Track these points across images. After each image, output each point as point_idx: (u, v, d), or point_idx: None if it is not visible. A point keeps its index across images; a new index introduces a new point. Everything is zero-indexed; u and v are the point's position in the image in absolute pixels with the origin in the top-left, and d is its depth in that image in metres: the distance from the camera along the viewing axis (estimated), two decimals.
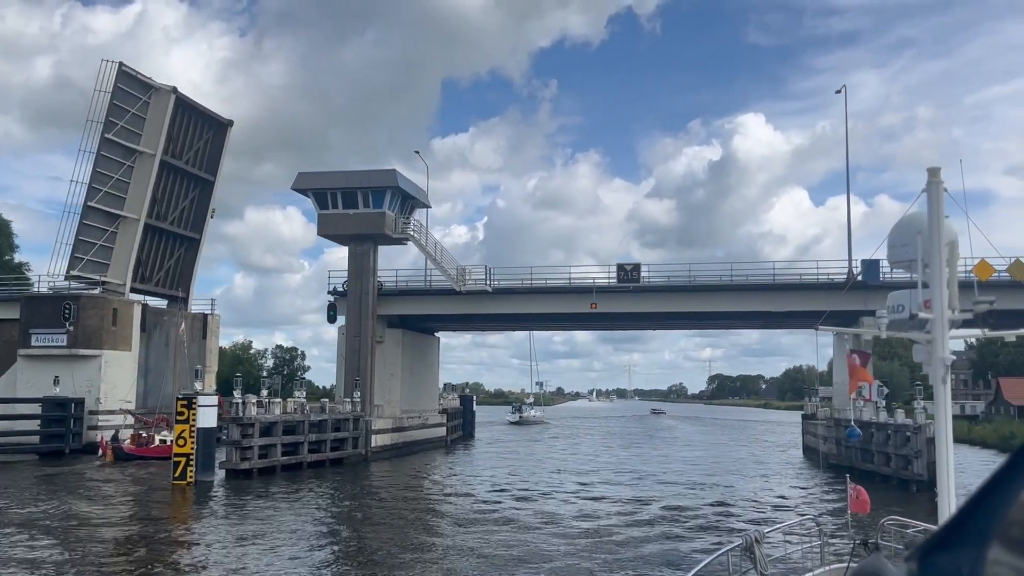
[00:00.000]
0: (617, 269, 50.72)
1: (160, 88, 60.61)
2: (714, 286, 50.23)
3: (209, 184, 67.77)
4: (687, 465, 51.22)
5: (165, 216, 64.26)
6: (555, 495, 36.59)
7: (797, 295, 49.50)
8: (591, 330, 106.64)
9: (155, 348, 61.36)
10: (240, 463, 39.63)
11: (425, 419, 60.02)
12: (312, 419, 44.83)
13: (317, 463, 44.75)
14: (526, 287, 52.52)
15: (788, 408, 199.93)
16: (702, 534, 27.23)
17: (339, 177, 50.94)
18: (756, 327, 63.81)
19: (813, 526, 11.80)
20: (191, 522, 29.14)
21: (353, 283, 51.68)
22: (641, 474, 45.58)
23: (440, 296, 53.30)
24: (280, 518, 29.42)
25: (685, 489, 39.27)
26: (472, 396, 78.02)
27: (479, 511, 31.61)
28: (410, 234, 51.59)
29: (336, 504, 34.00)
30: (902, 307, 8.29)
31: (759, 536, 10.39)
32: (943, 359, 7.49)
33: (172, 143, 62.85)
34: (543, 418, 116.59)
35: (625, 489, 39.00)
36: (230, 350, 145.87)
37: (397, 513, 31.48)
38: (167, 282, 66.20)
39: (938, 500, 7.55)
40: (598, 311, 51.19)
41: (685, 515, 31.22)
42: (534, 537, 26.09)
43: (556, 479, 42.81)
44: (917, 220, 7.96)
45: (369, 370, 51.42)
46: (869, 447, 42.68)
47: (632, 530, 27.69)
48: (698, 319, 55.86)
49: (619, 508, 32.89)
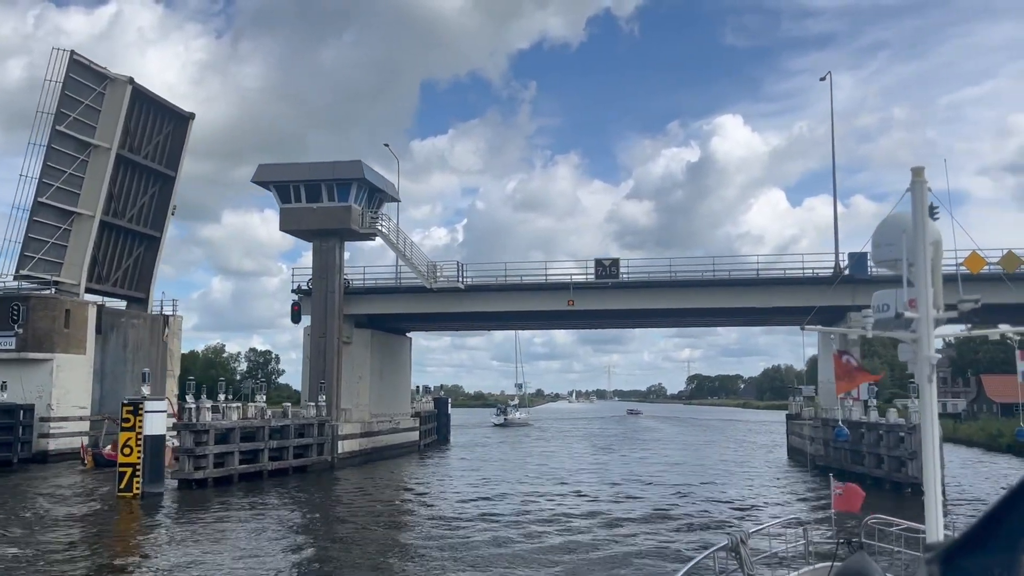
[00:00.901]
0: (595, 265, 48.46)
1: (116, 79, 57.73)
2: (696, 281, 48.13)
3: (170, 180, 64.91)
4: (671, 468, 49.17)
5: (123, 213, 61.36)
6: (534, 502, 34.68)
7: (782, 291, 47.56)
8: (569, 329, 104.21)
9: (112, 351, 58.45)
10: (193, 472, 37.03)
11: (396, 423, 57.55)
12: (273, 424, 42.28)
13: (279, 471, 42.22)
14: (500, 284, 50.19)
15: (767, 408, 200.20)
16: (689, 535, 26.82)
17: (302, 169, 48.34)
18: (739, 324, 61.97)
19: (798, 526, 11.73)
20: (131, 539, 26.60)
21: (318, 281, 49.11)
22: (625, 477, 43.52)
23: (411, 294, 50.86)
24: (233, 533, 26.99)
25: (670, 493, 37.63)
26: (447, 399, 75.49)
27: (451, 522, 29.45)
28: (378, 228, 49.09)
29: (296, 516, 31.57)
30: (887, 306, 8.22)
31: (744, 536, 10.29)
32: (929, 358, 7.42)
33: (129, 136, 59.99)
34: (528, 420, 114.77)
35: (609, 493, 37.07)
36: (203, 354, 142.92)
37: (361, 525, 29.26)
38: (125, 282, 63.26)
39: (924, 500, 7.35)
40: (576, 308, 48.95)
41: (671, 519, 30.11)
42: (511, 547, 24.72)
43: (535, 485, 40.64)
44: (901, 219, 7.93)
45: (336, 372, 48.89)
46: (859, 448, 40.78)
47: (617, 535, 26.77)
48: (679, 316, 53.71)
49: (603, 513, 31.25)
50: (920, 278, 7.45)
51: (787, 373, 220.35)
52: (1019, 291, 43.14)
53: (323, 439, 46.18)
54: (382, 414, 55.30)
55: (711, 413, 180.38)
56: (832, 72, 50.22)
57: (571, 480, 42.39)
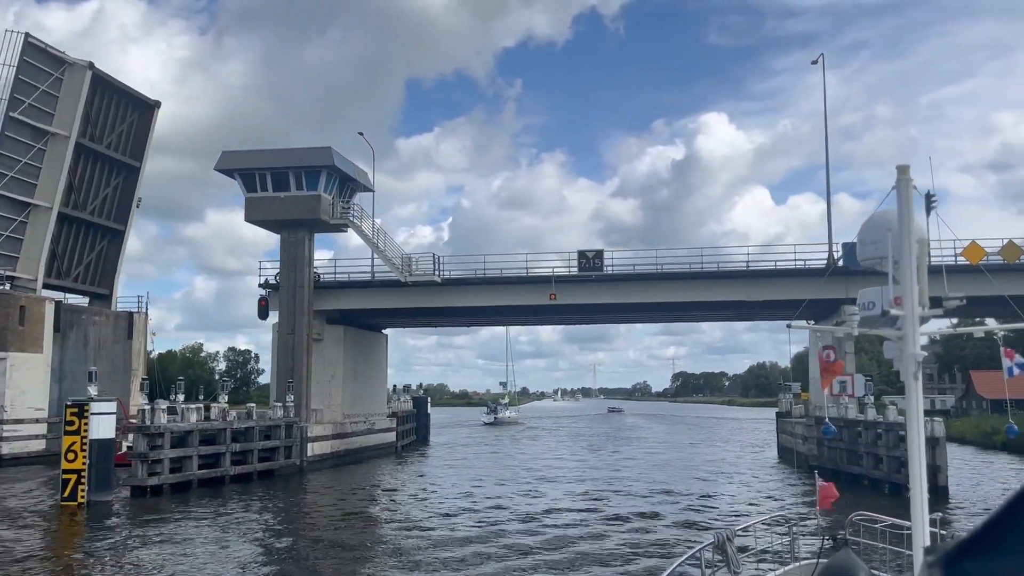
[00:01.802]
0: (578, 257, 46.11)
1: (74, 63, 54.87)
2: (683, 274, 45.87)
3: (134, 171, 62.09)
4: (658, 468, 46.96)
5: (84, 205, 58.51)
6: (514, 503, 32.65)
7: (772, 283, 45.42)
8: (551, 324, 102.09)
9: (72, 350, 55.70)
10: (147, 479, 34.46)
11: (372, 424, 55.05)
12: (236, 427, 39.73)
13: (242, 476, 39.68)
14: (479, 278, 47.74)
15: (753, 405, 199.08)
16: (678, 533, 26.37)
17: (268, 156, 45.70)
18: (728, 319, 59.72)
19: (783, 523, 11.71)
20: (64, 555, 24.03)
21: (286, 275, 46.50)
22: (611, 479, 41.21)
23: (385, 289, 48.34)
24: (184, 546, 24.57)
25: (657, 494, 35.77)
26: (426, 398, 72.95)
27: (428, 528, 27.19)
28: (350, 219, 46.55)
29: (257, 525, 29.16)
30: (873, 304, 8.14)
31: (731, 534, 10.27)
32: (914, 355, 7.45)
33: (90, 125, 57.14)
34: (518, 418, 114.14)
35: (594, 496, 34.87)
36: (180, 353, 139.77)
37: (328, 533, 26.98)
38: (87, 278, 60.43)
39: (910, 496, 7.30)
40: (558, 303, 46.59)
41: (659, 520, 28.93)
42: (490, 551, 23.54)
43: (516, 486, 38.35)
44: (887, 217, 7.94)
45: (305, 371, 46.34)
46: (856, 447, 38.73)
47: (602, 537, 25.90)
48: (667, 311, 51.41)
49: (588, 516, 29.26)
50: (905, 275, 7.41)
51: (772, 370, 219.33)
52: (1007, 283, 41.65)
53: (291, 442, 43.66)
54: (356, 414, 52.79)
55: (697, 411, 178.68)
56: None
57: (553, 481, 40.11)
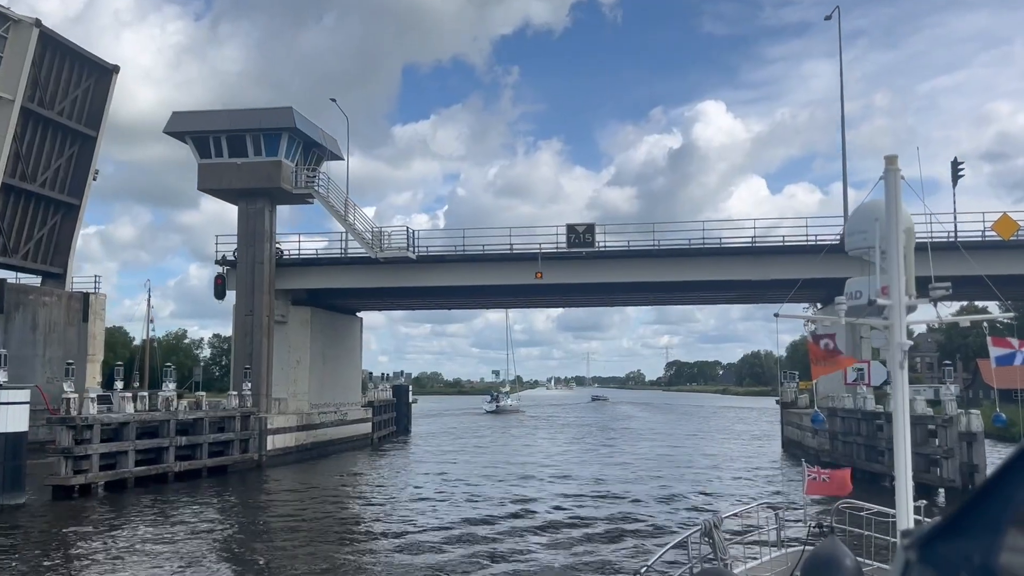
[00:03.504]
0: (567, 231, 41.76)
1: (20, 20, 50.10)
2: (683, 250, 41.56)
3: (91, 140, 57.43)
4: (658, 463, 42.69)
5: (33, 176, 53.88)
6: (493, 496, 29.68)
7: (782, 261, 41.13)
8: (537, 307, 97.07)
9: (18, 333, 51.20)
10: (72, 477, 30.13)
11: (343, 414, 50.74)
12: (182, 418, 35.41)
13: (189, 473, 35.39)
14: (458, 254, 43.37)
15: (747, 394, 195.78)
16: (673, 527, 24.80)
17: (223, 117, 41.17)
18: (732, 300, 55.50)
19: (770, 511, 11.35)
20: None
21: (244, 250, 42.04)
22: (610, 478, 36.87)
23: (355, 266, 43.96)
24: (104, 559, 20.36)
25: (660, 492, 32.14)
26: (407, 386, 68.66)
27: (402, 531, 23.72)
28: (315, 189, 42.10)
29: (201, 529, 25.06)
30: (860, 293, 8.09)
31: (718, 521, 10.31)
32: (901, 345, 7.33)
33: (39, 89, 52.42)
34: (519, 407, 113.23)
35: (590, 498, 30.79)
36: (164, 340, 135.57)
37: (283, 537, 23.02)
38: (39, 255, 55.90)
39: (895, 486, 7.18)
40: (544, 282, 42.29)
41: (664, 520, 25.87)
42: (477, 546, 22.00)
43: (497, 479, 34.30)
44: (874, 208, 7.87)
45: (266, 356, 42.01)
46: (876, 443, 34.61)
47: (595, 533, 24.24)
48: (664, 291, 47.04)
49: (579, 515, 25.64)
50: (892, 265, 7.36)
51: (767, 359, 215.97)
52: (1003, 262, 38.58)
53: (248, 434, 39.37)
54: (326, 404, 48.48)
55: (691, 400, 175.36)
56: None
57: (539, 479, 35.92)
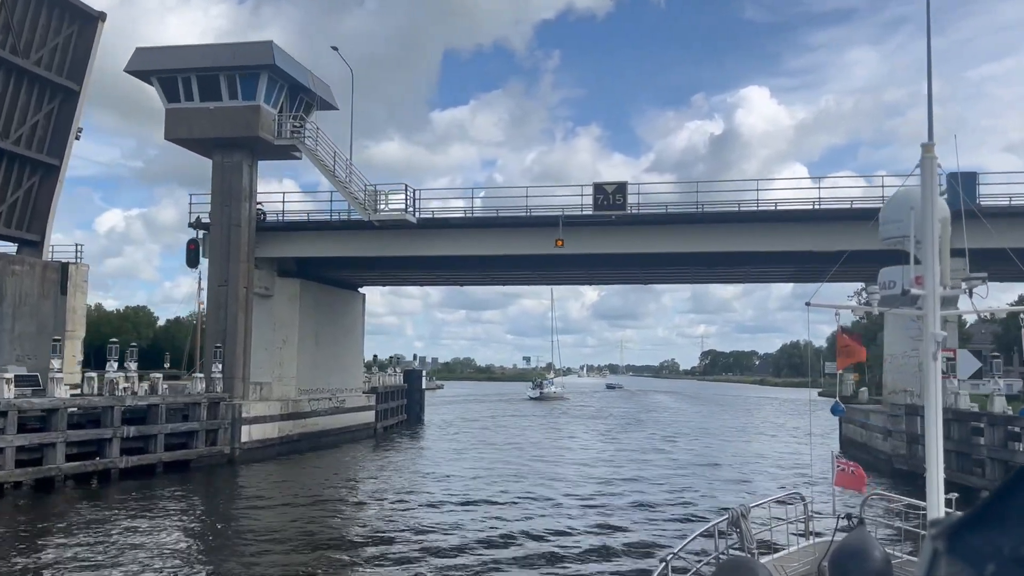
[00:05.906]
0: (593, 190, 35.26)
1: None
2: (733, 214, 34.91)
3: (73, 95, 51.93)
4: (704, 467, 36.23)
5: (6, 132, 48.67)
6: (497, 499, 24.66)
7: (851, 229, 34.30)
8: (557, 284, 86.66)
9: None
10: None
11: (341, 401, 44.99)
12: (130, 404, 29.78)
13: (140, 469, 29.78)
14: (465, 218, 37.24)
15: (785, 385, 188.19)
16: None
17: (192, 53, 35.33)
18: (788, 278, 48.62)
19: (799, 501, 11.22)
20: None
21: (219, 211, 36.21)
22: (651, 487, 30.70)
23: (347, 232, 38.01)
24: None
25: (699, 498, 25.63)
26: (420, 371, 62.86)
27: (384, 540, 18.06)
28: (302, 140, 36.13)
29: (136, 540, 19.40)
30: (894, 283, 8.02)
31: (745, 510, 10.20)
32: (934, 335, 7.24)
33: (14, 36, 47.00)
34: (564, 394, 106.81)
35: (618, 508, 24.54)
36: (116, 313, 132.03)
37: (249, 554, 17.61)
38: (13, 220, 50.74)
39: (926, 476, 7.27)
40: (566, 252, 35.87)
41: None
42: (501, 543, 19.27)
43: (509, 474, 28.30)
44: (910, 196, 7.84)
45: (243, 334, 36.27)
46: (971, 451, 27.95)
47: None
48: (708, 265, 40.23)
49: (598, 524, 19.00)
50: (927, 255, 7.21)
51: (805, 350, 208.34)
52: None
53: (217, 423, 33.70)
54: (319, 390, 42.75)
55: (728, 390, 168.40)
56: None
57: (561, 480, 29.84)
